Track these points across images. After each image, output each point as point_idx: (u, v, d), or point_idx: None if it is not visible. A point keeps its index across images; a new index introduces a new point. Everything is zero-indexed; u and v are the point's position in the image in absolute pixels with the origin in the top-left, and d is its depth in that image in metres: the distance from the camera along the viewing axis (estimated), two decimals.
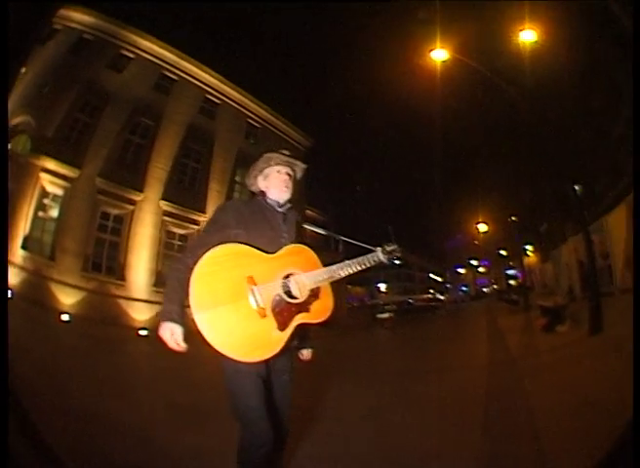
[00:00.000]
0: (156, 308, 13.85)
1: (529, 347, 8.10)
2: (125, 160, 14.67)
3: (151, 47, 15.37)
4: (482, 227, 19.51)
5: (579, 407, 3.56)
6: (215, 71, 17.14)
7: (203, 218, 16.10)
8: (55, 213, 12.91)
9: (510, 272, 26.61)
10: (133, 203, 14.47)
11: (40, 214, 12.69)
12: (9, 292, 10.09)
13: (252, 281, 2.03)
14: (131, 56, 15.15)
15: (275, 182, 2.46)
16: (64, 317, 11.25)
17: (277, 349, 2.03)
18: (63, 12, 13.59)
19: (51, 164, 12.76)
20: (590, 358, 4.97)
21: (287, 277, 2.16)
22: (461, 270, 35.92)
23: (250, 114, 19.10)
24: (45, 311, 11.34)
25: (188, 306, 1.97)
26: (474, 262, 31.00)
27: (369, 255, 2.40)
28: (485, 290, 32.40)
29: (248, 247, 2.13)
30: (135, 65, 15.24)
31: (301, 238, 2.50)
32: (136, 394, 5.30)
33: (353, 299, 39.23)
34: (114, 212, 14.06)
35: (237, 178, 18.26)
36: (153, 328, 9.93)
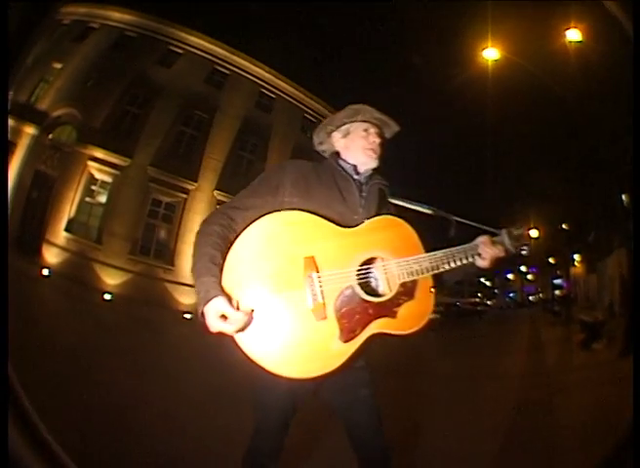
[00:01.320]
0: None
1: (565, 363, 7.93)
2: (178, 150, 15.07)
3: (199, 42, 15.67)
4: (533, 233, 18.91)
5: (599, 429, 3.38)
6: (267, 66, 17.26)
7: None
8: (103, 198, 13.43)
9: (557, 281, 25.80)
10: (186, 192, 14.85)
11: (87, 199, 13.26)
12: (46, 270, 10.77)
13: (312, 264, 1.43)
14: (179, 51, 15.51)
15: (359, 143, 1.81)
16: (107, 296, 11.77)
17: (332, 367, 1.42)
18: (97, 11, 14.39)
19: (99, 153, 13.29)
20: (618, 381, 4.77)
21: (367, 262, 1.52)
22: (510, 276, 34.04)
23: (306, 109, 19.01)
24: (88, 290, 11.85)
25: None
26: (523, 268, 29.78)
27: (472, 244, 1.72)
28: (531, 298, 31.15)
29: (314, 216, 1.52)
30: (184, 61, 15.58)
31: (385, 211, 1.77)
32: (176, 377, 5.35)
33: None
34: (166, 199, 14.49)
35: None
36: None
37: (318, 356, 1.42)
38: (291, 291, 1.44)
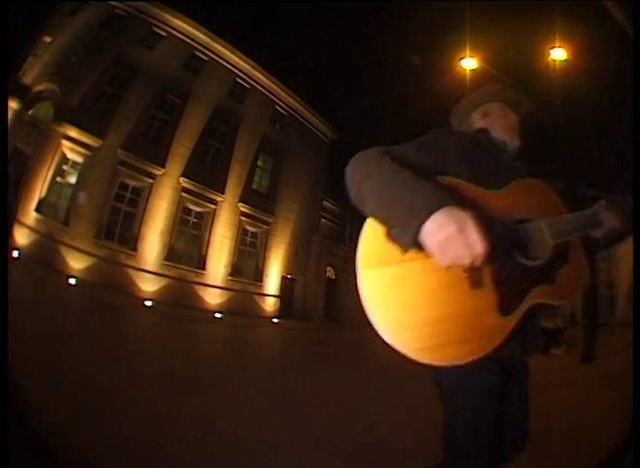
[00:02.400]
0: (165, 281, 14.32)
1: None
2: (149, 134, 14.94)
3: (183, 26, 15.56)
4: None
5: (558, 432, 3.41)
6: (246, 56, 17.32)
7: (221, 199, 16.64)
8: (73, 179, 13.22)
9: None
10: (153, 177, 14.76)
11: (58, 179, 13.04)
12: (16, 252, 10.54)
13: None
14: (162, 33, 15.34)
15: (501, 123, 1.72)
16: (72, 280, 11.59)
17: (494, 344, 1.17)
18: None
19: (73, 132, 13.03)
20: (577, 386, 4.97)
21: (521, 222, 1.34)
22: None
23: (278, 101, 19.30)
24: (53, 273, 11.68)
25: None
26: None
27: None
28: None
29: (464, 181, 1.32)
30: (166, 43, 15.44)
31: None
32: (137, 361, 5.31)
33: None
34: (133, 183, 14.36)
35: (259, 163, 18.65)
36: (160, 299, 10.23)
37: (473, 335, 1.15)
38: None
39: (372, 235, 1.17)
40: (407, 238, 1.05)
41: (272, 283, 18.47)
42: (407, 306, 1.11)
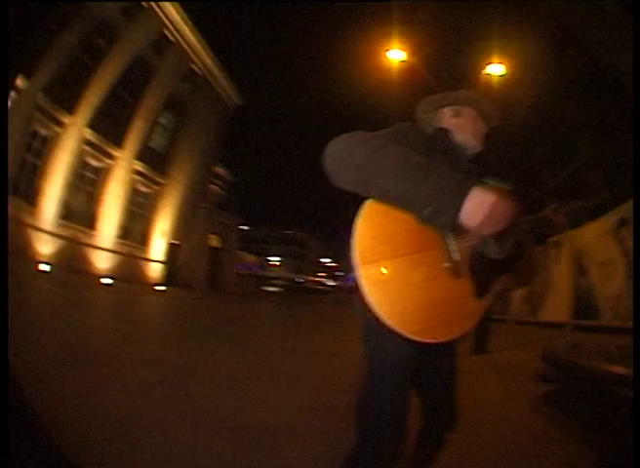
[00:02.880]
0: (60, 242, 13.21)
1: None
2: (68, 79, 13.30)
3: None
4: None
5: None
6: (181, 7, 16.38)
7: (118, 154, 15.55)
8: None
9: None
10: (61, 125, 13.34)
11: None
12: None
13: (433, 234, 1.35)
14: None
15: (469, 127, 1.77)
16: None
17: (472, 324, 1.39)
18: None
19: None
20: (468, 375, 4.47)
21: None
22: None
23: (195, 59, 18.53)
24: None
25: None
26: None
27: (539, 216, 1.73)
28: None
29: None
30: None
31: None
32: (33, 331, 4.87)
33: (243, 267, 38.85)
34: (42, 131, 12.91)
35: (161, 120, 17.73)
36: (54, 262, 9.59)
37: (457, 316, 1.35)
38: (426, 250, 1.32)
39: (365, 233, 1.27)
40: (447, 217, 1.16)
41: (158, 248, 18.00)
42: (404, 296, 1.26)
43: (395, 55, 10.14)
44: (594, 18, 11.81)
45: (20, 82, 11.11)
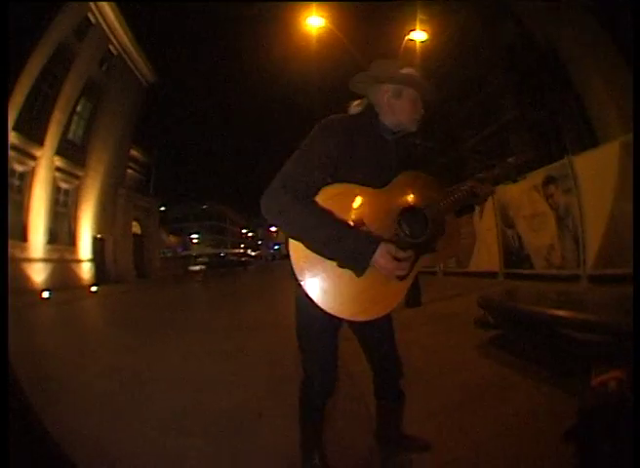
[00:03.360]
0: None
1: None
2: None
3: None
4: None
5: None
6: None
7: (39, 153, 14.43)
8: None
9: None
10: None
11: None
12: None
13: (361, 224, 1.55)
14: None
15: (408, 109, 1.76)
16: None
17: (397, 301, 1.59)
18: None
19: None
20: (409, 329, 4.84)
21: (403, 213, 1.65)
22: (274, 229, 35.19)
23: (114, 39, 17.30)
24: None
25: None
26: None
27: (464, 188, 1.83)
28: None
29: (354, 185, 1.60)
30: None
31: (413, 166, 1.84)
32: None
33: (167, 250, 37.52)
34: None
35: (79, 108, 16.41)
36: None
37: (382, 297, 1.56)
38: None
39: (296, 248, 1.51)
40: (361, 266, 1.46)
41: (85, 245, 17.13)
42: (338, 289, 1.51)
43: (314, 21, 10.25)
44: None
45: None
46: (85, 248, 17.18)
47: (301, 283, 1.49)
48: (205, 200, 62.59)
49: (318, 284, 1.51)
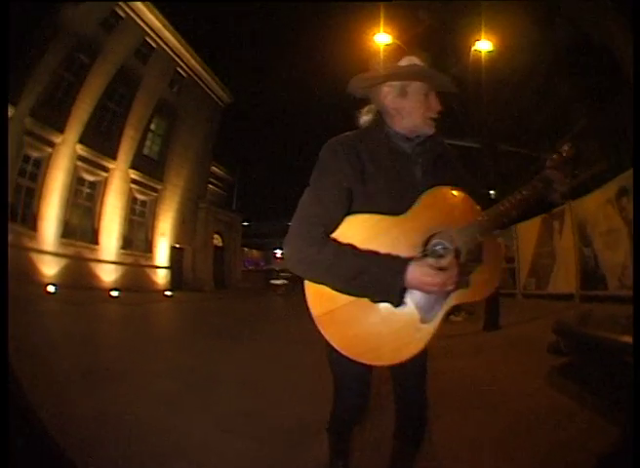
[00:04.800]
0: (63, 261, 13.22)
1: None
2: (54, 99, 13.31)
3: None
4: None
5: (465, 395, 3.39)
6: (161, 13, 16.18)
7: (112, 165, 15.50)
8: None
9: None
10: (52, 145, 13.26)
11: None
12: None
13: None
14: None
15: (419, 108, 1.48)
16: None
17: (421, 346, 1.38)
18: None
19: None
20: (483, 352, 4.96)
21: (428, 241, 1.39)
22: None
23: (180, 63, 18.35)
24: None
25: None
26: None
27: (537, 178, 1.48)
28: None
29: (370, 215, 1.39)
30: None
31: (448, 178, 1.53)
32: (45, 354, 4.79)
33: (249, 263, 39.81)
34: (35, 154, 12.86)
35: (152, 127, 17.60)
36: (60, 282, 9.60)
37: (405, 342, 1.38)
38: None
39: (313, 289, 1.38)
40: (395, 291, 1.28)
41: (162, 254, 18.03)
42: (359, 334, 1.36)
43: (382, 38, 9.89)
44: None
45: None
46: (162, 256, 18.06)
47: (320, 329, 1.37)
48: (290, 217, 65.98)
49: (337, 331, 1.39)
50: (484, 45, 10.40)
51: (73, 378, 3.87)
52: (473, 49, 10.34)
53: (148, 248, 17.36)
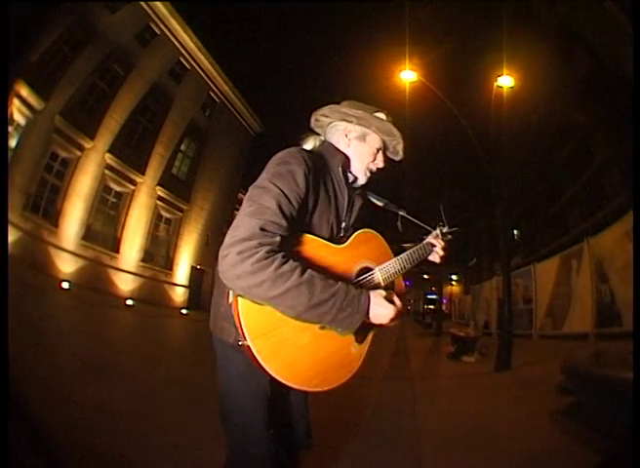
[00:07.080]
0: (81, 262, 13.41)
1: (429, 370, 8.03)
2: (86, 104, 13.94)
3: None
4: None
5: (466, 435, 3.49)
6: (195, 35, 17.00)
7: (140, 180, 15.95)
8: (13, 142, 11.69)
9: (431, 296, 28.72)
10: (82, 149, 13.80)
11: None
12: None
13: None
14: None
15: (367, 158, 1.66)
16: None
17: (356, 368, 1.49)
18: None
19: (24, 90, 11.59)
20: (491, 392, 5.05)
21: (361, 273, 1.53)
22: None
23: (213, 87, 19.09)
24: None
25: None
26: None
27: (425, 242, 1.82)
28: None
29: (315, 239, 1.44)
30: (126, 9, 14.58)
31: (364, 222, 1.71)
32: (52, 344, 5.08)
33: None
34: (63, 154, 13.33)
35: (182, 147, 18.15)
36: (76, 281, 9.55)
37: (343, 363, 1.47)
38: None
39: (248, 310, 1.30)
40: (354, 326, 1.33)
41: (182, 272, 18.14)
42: (297, 359, 1.35)
43: (407, 75, 10.15)
44: (595, 20, 11.64)
45: (34, 101, 11.76)
46: (182, 274, 18.16)
47: (248, 344, 1.28)
48: None
49: (272, 349, 1.33)
50: (505, 80, 10.27)
51: (69, 368, 4.06)
52: (496, 85, 10.22)
53: (169, 265, 17.51)
